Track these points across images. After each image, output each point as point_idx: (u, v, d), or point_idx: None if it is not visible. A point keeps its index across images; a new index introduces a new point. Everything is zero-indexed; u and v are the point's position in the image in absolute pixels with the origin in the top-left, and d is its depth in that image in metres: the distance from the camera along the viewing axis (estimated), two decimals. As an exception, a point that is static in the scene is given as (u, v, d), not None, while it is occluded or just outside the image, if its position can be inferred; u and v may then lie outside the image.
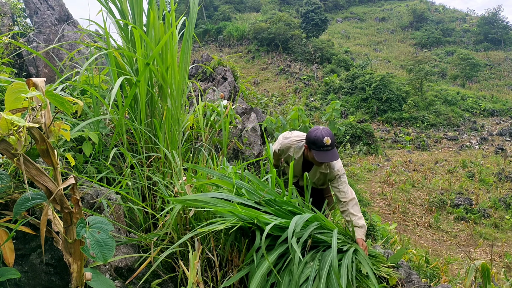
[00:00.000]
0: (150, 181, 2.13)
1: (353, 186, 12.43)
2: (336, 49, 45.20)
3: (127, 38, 2.36)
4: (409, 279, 1.84)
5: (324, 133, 2.24)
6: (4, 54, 2.93)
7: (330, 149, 2.23)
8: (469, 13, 67.36)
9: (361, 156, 20.12)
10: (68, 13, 5.54)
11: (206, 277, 1.66)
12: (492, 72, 42.85)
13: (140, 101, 2.16)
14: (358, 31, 58.14)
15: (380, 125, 30.28)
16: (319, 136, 2.22)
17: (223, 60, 6.53)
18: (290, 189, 2.09)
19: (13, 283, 1.40)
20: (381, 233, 7.16)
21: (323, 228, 1.84)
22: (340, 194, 2.32)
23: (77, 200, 1.15)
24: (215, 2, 59.17)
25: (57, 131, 1.19)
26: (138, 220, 1.94)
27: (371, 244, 3.27)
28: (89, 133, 1.96)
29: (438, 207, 13.14)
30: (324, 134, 2.23)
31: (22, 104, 1.04)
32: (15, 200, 1.37)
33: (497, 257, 9.38)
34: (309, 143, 2.28)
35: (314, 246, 1.75)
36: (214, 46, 48.04)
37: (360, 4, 70.77)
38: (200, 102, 3.74)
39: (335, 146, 2.31)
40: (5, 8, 4.07)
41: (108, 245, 1.18)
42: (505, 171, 17.31)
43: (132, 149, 2.36)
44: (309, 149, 2.31)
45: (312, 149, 2.26)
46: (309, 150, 2.32)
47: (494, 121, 30.24)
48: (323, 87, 36.56)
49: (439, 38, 53.03)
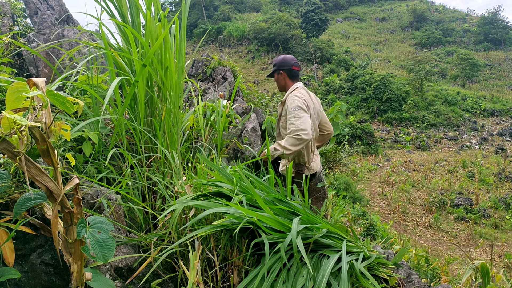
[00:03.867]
0: (150, 181, 2.13)
1: (353, 186, 12.42)
2: (336, 49, 45.24)
3: (126, 38, 2.36)
4: (409, 279, 1.84)
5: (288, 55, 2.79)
6: (4, 54, 2.93)
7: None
8: (469, 13, 67.42)
9: (361, 156, 20.13)
10: (68, 13, 5.54)
11: (206, 277, 1.67)
12: (492, 72, 42.89)
13: (139, 101, 2.16)
14: (358, 31, 58.17)
15: (380, 125, 30.29)
16: (287, 57, 2.75)
17: (223, 60, 6.53)
18: (289, 188, 2.09)
19: (13, 283, 1.40)
20: (381, 233, 7.17)
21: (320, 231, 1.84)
22: (289, 127, 2.46)
23: (78, 200, 1.15)
24: (215, 2, 59.19)
25: (58, 131, 1.20)
26: (138, 220, 1.95)
27: (370, 244, 3.28)
28: (89, 133, 1.96)
29: (438, 207, 13.14)
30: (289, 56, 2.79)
31: (23, 104, 1.05)
32: (15, 200, 1.37)
33: (497, 257, 9.38)
34: (283, 65, 2.71)
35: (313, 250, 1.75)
36: (214, 46, 48.06)
37: (360, 4, 70.79)
38: (200, 102, 3.74)
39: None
40: (5, 8, 4.07)
41: (108, 245, 1.18)
42: (505, 171, 17.32)
43: (132, 149, 2.37)
44: (285, 72, 2.72)
45: (286, 70, 2.70)
46: (284, 75, 2.73)
47: (494, 121, 30.26)
48: (323, 87, 36.59)
49: (439, 38, 53.07)
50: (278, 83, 2.81)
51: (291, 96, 2.59)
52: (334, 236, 1.78)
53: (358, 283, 1.58)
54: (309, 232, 1.73)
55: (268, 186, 2.02)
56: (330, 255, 1.64)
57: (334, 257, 1.61)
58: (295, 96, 2.55)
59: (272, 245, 1.62)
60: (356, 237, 1.97)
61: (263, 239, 1.56)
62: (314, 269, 1.59)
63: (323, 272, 1.54)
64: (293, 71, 2.76)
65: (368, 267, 1.72)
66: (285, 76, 2.75)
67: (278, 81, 2.79)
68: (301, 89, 2.69)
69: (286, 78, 2.75)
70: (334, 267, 1.57)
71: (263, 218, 1.63)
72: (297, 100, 2.52)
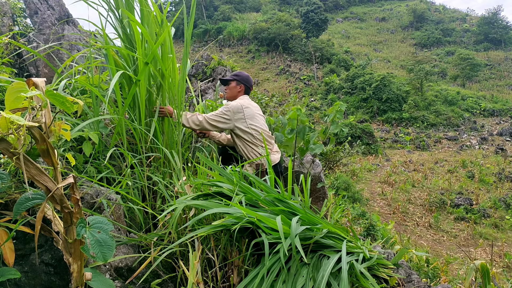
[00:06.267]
0: (150, 181, 2.13)
1: (353, 186, 12.43)
2: (336, 49, 45.23)
3: (125, 38, 2.36)
4: (409, 279, 1.84)
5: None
6: (4, 54, 2.93)
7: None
8: (469, 13, 67.42)
9: (361, 156, 20.13)
10: (68, 13, 5.55)
11: (206, 277, 1.66)
12: (492, 72, 42.89)
13: (140, 101, 2.16)
14: (358, 31, 58.17)
15: (380, 125, 30.29)
16: (250, 77, 3.08)
17: (223, 60, 6.53)
18: (290, 188, 2.09)
19: (13, 283, 1.40)
20: (381, 233, 7.17)
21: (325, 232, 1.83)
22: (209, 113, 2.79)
23: (77, 200, 1.15)
24: (215, 2, 59.20)
25: (57, 131, 1.20)
26: (138, 220, 1.95)
27: (371, 244, 3.27)
28: (89, 133, 1.96)
29: (438, 207, 13.14)
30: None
31: (23, 103, 1.05)
32: (15, 200, 1.37)
33: (497, 257, 9.38)
34: (247, 81, 3.00)
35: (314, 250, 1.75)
36: (214, 46, 48.05)
37: (360, 4, 70.79)
38: (200, 102, 3.74)
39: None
40: (5, 8, 4.07)
41: (108, 245, 1.18)
42: (505, 171, 17.32)
43: (132, 149, 2.37)
44: (244, 87, 2.99)
45: (246, 87, 2.99)
46: (242, 88, 2.99)
47: (494, 121, 30.25)
48: (323, 87, 36.59)
49: (439, 38, 53.07)
50: (231, 91, 3.02)
51: (231, 102, 2.90)
52: (334, 236, 1.78)
53: (358, 283, 1.58)
54: (309, 232, 1.73)
55: (268, 186, 2.02)
56: (330, 256, 1.64)
57: (334, 257, 1.61)
58: (231, 103, 2.86)
59: (272, 245, 1.62)
60: (356, 238, 1.97)
61: (263, 239, 1.56)
62: (314, 269, 1.59)
63: (323, 272, 1.54)
64: (249, 91, 3.09)
65: (368, 267, 1.72)
66: (242, 90, 3.01)
67: (233, 90, 3.01)
68: (245, 100, 2.94)
69: (241, 92, 3.01)
70: (334, 267, 1.57)
71: (263, 218, 1.63)
72: (230, 105, 2.82)
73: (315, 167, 4.08)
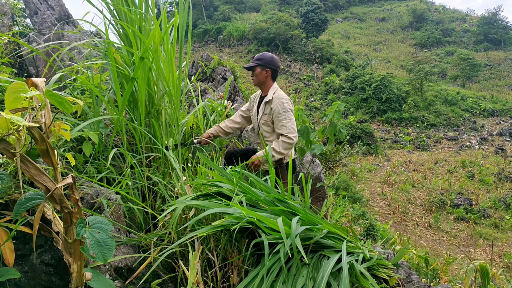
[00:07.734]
0: (150, 181, 2.13)
1: (353, 186, 12.42)
2: (336, 49, 45.22)
3: (124, 37, 2.36)
4: (409, 279, 1.84)
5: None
6: (4, 54, 2.93)
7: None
8: (469, 13, 67.40)
9: (361, 156, 20.13)
10: (68, 13, 5.54)
11: (206, 277, 1.66)
12: (492, 72, 42.87)
13: (139, 101, 2.16)
14: (358, 31, 58.14)
15: (380, 125, 30.28)
16: (275, 57, 2.84)
17: (223, 60, 6.53)
18: (290, 188, 2.09)
19: (13, 283, 1.40)
20: (381, 234, 7.17)
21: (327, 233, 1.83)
22: (281, 129, 2.62)
23: (76, 200, 1.15)
24: (215, 2, 59.17)
25: (57, 131, 1.19)
26: (138, 220, 1.94)
27: (371, 244, 3.27)
28: (89, 133, 1.96)
29: (438, 207, 13.14)
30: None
31: (22, 104, 1.04)
32: (15, 200, 1.37)
33: (497, 257, 9.38)
34: (271, 64, 2.77)
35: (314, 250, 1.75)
36: (214, 46, 48.02)
37: (360, 4, 70.76)
38: (200, 102, 3.74)
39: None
40: (5, 8, 4.07)
41: (108, 245, 1.18)
42: (505, 171, 17.32)
43: (132, 149, 2.37)
44: (270, 71, 2.77)
45: (272, 70, 2.77)
46: (269, 73, 2.77)
47: (494, 121, 30.24)
48: (323, 87, 36.57)
49: (439, 38, 53.05)
50: (258, 78, 2.82)
51: (279, 97, 2.69)
52: (334, 236, 1.78)
53: (358, 283, 1.57)
54: (309, 232, 1.73)
55: (268, 187, 2.02)
56: (330, 256, 1.64)
57: (334, 257, 1.61)
58: (283, 99, 2.67)
59: (272, 245, 1.62)
60: (357, 238, 1.97)
61: (263, 239, 1.56)
62: (314, 269, 1.59)
63: (323, 272, 1.54)
64: (277, 72, 2.85)
65: (368, 267, 1.72)
66: (269, 75, 2.79)
67: (259, 76, 2.80)
68: (281, 91, 2.81)
69: (269, 77, 2.80)
70: (334, 268, 1.57)
71: (263, 218, 1.63)
72: (286, 103, 2.65)
73: (315, 167, 4.08)
